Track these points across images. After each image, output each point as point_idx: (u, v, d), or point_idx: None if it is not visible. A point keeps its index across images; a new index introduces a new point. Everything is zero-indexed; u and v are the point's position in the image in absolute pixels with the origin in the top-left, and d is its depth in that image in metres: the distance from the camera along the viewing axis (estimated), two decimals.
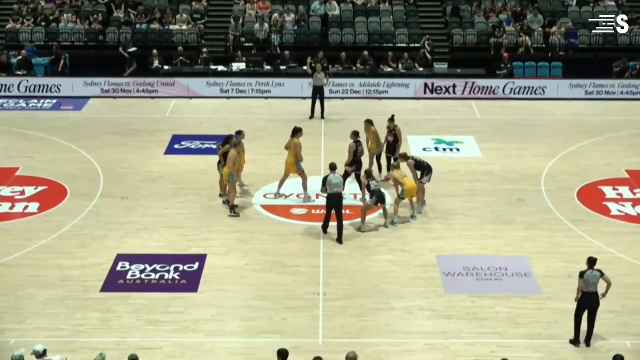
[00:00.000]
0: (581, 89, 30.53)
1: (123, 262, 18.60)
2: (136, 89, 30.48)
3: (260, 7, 34.03)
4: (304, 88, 29.54)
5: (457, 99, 30.36)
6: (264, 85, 30.51)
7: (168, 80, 30.56)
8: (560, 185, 22.95)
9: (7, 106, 29.70)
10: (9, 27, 33.21)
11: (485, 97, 30.37)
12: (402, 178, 20.10)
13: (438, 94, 30.55)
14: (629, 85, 30.53)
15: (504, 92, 30.47)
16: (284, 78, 30.70)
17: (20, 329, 15.93)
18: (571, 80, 30.71)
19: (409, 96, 30.51)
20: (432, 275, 18.22)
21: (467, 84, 30.45)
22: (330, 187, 19.26)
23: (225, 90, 30.53)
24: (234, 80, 30.58)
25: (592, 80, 30.58)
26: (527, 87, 30.57)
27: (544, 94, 30.54)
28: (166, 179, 23.07)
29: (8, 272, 18.27)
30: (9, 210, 21.32)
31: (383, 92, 30.60)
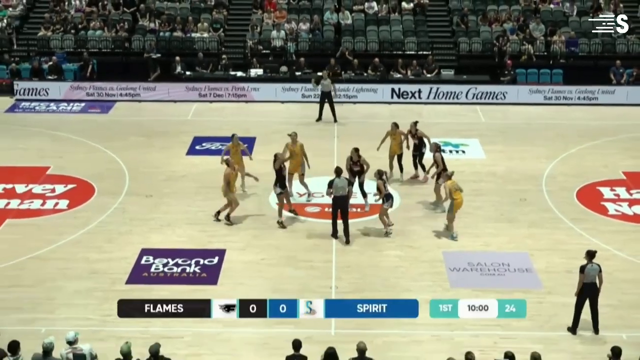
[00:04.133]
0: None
1: (147, 256, 18.68)
2: (160, 93, 30.57)
3: (277, 17, 34.07)
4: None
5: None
6: (279, 90, 30.51)
7: (190, 85, 30.65)
8: (560, 186, 22.91)
9: (39, 109, 29.85)
10: (41, 35, 33.37)
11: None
12: (455, 191, 19.26)
13: (444, 99, 30.61)
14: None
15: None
16: (298, 83, 30.72)
17: (50, 319, 16.03)
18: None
19: (417, 101, 30.51)
20: (438, 270, 18.23)
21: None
22: (336, 190, 19.09)
23: (242, 94, 30.57)
24: (251, 85, 30.62)
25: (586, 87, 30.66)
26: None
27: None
28: (188, 178, 23.15)
29: (40, 265, 18.38)
30: (40, 207, 21.42)
31: (410, 97, 30.64)
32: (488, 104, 30.40)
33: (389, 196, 19.57)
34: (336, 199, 19.18)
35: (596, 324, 15.67)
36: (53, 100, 30.33)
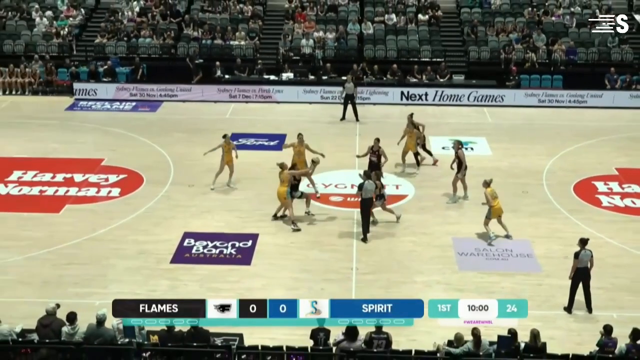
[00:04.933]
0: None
1: (189, 239, 18.75)
2: (202, 94, 30.65)
3: (307, 27, 33.99)
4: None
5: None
6: (332, 92, 30.16)
7: (228, 87, 30.67)
8: (559, 180, 22.73)
9: (95, 108, 30.04)
10: (97, 42, 33.55)
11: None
12: (494, 199, 18.56)
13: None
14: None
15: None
16: (325, 86, 30.62)
17: (103, 293, 16.12)
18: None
19: (430, 102, 30.36)
20: (448, 254, 18.16)
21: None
22: (365, 193, 18.43)
23: (267, 96, 30.53)
24: (282, 87, 30.61)
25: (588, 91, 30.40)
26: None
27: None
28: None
29: (94, 246, 18.52)
30: (95, 194, 21.58)
31: (417, 99, 30.50)
32: (488, 105, 30.13)
33: (381, 196, 19.25)
34: (364, 201, 18.58)
35: (589, 304, 15.58)
36: (108, 99, 30.49)
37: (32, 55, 32.54)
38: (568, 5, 35.05)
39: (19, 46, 33.44)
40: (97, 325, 12.84)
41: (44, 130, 26.99)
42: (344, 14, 35.10)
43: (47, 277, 16.98)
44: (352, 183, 21.69)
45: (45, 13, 34.97)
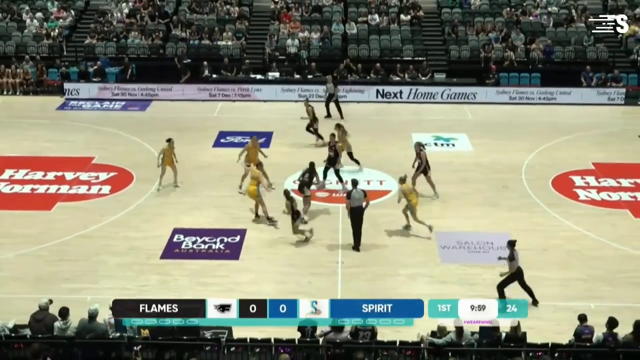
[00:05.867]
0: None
1: (179, 235, 18.68)
2: (190, 93, 30.54)
3: (292, 27, 33.93)
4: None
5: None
6: (309, 90, 30.01)
7: (216, 86, 30.56)
8: (538, 175, 22.80)
9: (85, 107, 29.85)
10: (87, 43, 33.34)
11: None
12: (410, 194, 18.42)
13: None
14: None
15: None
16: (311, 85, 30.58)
17: (95, 288, 16.09)
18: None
19: (412, 100, 30.38)
20: (431, 248, 18.18)
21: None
22: (354, 202, 17.76)
23: (247, 94, 30.44)
24: (269, 87, 30.55)
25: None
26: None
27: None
28: (214, 168, 23.14)
29: (86, 242, 18.42)
30: (86, 191, 21.47)
31: (392, 97, 30.48)
32: (469, 103, 30.14)
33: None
34: (353, 209, 17.84)
35: (533, 296, 15.56)
36: (97, 99, 30.27)
37: (23, 56, 32.30)
38: (545, 5, 35.16)
39: (9, 47, 33.18)
40: (89, 320, 12.77)
41: (35, 130, 26.81)
42: (328, 14, 35.06)
43: (39, 274, 16.87)
44: (337, 179, 21.72)
45: (35, 14, 34.70)
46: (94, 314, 12.82)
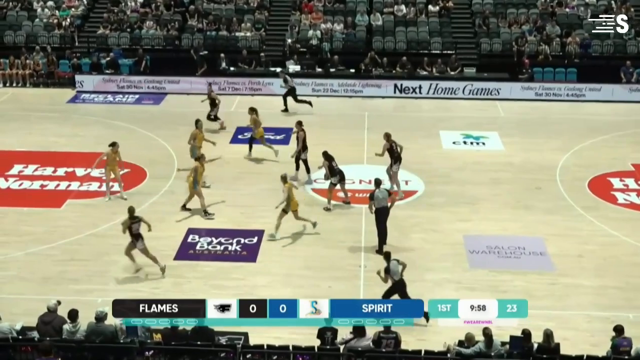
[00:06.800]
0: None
1: (193, 235, 18.73)
2: (214, 87, 30.53)
3: (314, 18, 33.90)
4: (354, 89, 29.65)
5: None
6: (315, 85, 30.38)
7: (234, 80, 30.61)
8: (573, 176, 22.62)
9: (97, 100, 30.03)
10: (100, 33, 33.52)
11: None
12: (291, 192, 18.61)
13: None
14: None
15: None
16: (337, 79, 30.59)
17: (105, 290, 16.15)
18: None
19: (432, 96, 30.22)
20: (459, 252, 18.10)
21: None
22: (378, 202, 17.80)
23: (257, 88, 30.50)
24: (297, 80, 30.37)
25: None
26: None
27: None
28: (230, 165, 23.17)
29: (96, 241, 18.51)
30: (97, 189, 21.57)
31: (411, 92, 30.36)
32: (482, 99, 29.97)
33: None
34: (378, 210, 17.85)
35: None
36: (110, 92, 30.43)
37: (33, 46, 32.54)
38: None
39: (20, 37, 33.44)
40: (97, 322, 12.83)
41: (45, 123, 27.00)
42: (352, 4, 34.99)
43: (47, 274, 16.98)
44: (360, 179, 21.69)
45: (46, 3, 34.97)
46: (101, 316, 12.90)
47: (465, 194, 21.23)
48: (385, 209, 17.87)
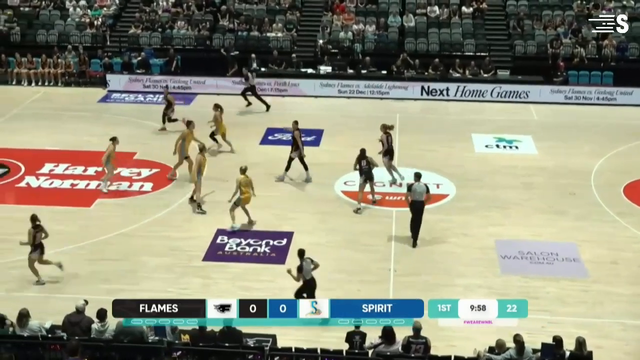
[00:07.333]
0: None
1: (222, 236, 18.79)
2: (241, 87, 30.69)
3: (346, 19, 33.89)
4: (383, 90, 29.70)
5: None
6: (346, 86, 30.42)
7: (259, 80, 30.68)
8: (608, 182, 22.35)
9: (128, 100, 30.27)
10: (131, 33, 33.80)
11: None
12: (246, 187, 18.87)
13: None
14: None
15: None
16: (363, 80, 30.58)
17: (134, 290, 16.19)
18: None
19: (477, 99, 30.07)
20: (490, 257, 17.97)
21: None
22: (415, 195, 18.11)
23: (312, 90, 30.51)
24: (324, 81, 30.57)
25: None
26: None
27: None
28: (260, 166, 23.16)
29: (125, 241, 18.65)
30: (127, 188, 21.74)
31: (438, 94, 30.23)
32: (510, 102, 29.75)
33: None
34: (413, 203, 18.20)
35: None
36: (141, 92, 30.65)
37: (65, 45, 32.90)
38: None
39: (52, 36, 33.83)
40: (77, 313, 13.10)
41: (76, 122, 27.27)
42: (384, 5, 34.93)
43: (77, 273, 17.13)
44: (391, 181, 21.63)
45: (79, 3, 35.33)
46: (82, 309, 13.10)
47: (497, 198, 21.09)
48: (421, 203, 18.13)
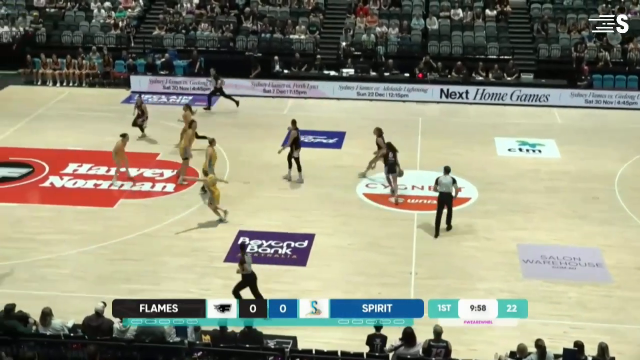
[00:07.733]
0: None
1: (244, 237, 18.86)
2: (259, 89, 30.82)
3: (369, 21, 33.92)
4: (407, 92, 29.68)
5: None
6: (365, 88, 30.43)
7: (287, 82, 30.77)
8: (632, 187, 22.19)
9: (151, 101, 30.35)
10: (155, 34, 34.03)
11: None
12: (214, 185, 19.36)
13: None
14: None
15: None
16: (388, 83, 30.58)
17: (156, 290, 16.32)
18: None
19: (497, 102, 29.99)
20: (512, 261, 17.91)
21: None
22: (441, 187, 18.78)
23: (335, 92, 30.56)
24: (343, 84, 30.61)
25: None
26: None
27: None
28: (282, 168, 23.21)
29: (147, 241, 18.77)
30: (150, 189, 21.89)
31: (457, 97, 30.16)
32: (530, 105, 29.61)
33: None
34: (441, 195, 18.86)
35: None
36: (164, 93, 30.83)
37: (90, 46, 33.19)
38: None
39: (77, 37, 34.15)
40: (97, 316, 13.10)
41: (100, 123, 27.48)
42: (408, 8, 34.91)
43: (100, 273, 17.28)
44: (413, 184, 21.62)
45: (103, 4, 35.64)
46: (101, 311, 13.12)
47: (520, 202, 21.01)
48: (447, 195, 18.72)
